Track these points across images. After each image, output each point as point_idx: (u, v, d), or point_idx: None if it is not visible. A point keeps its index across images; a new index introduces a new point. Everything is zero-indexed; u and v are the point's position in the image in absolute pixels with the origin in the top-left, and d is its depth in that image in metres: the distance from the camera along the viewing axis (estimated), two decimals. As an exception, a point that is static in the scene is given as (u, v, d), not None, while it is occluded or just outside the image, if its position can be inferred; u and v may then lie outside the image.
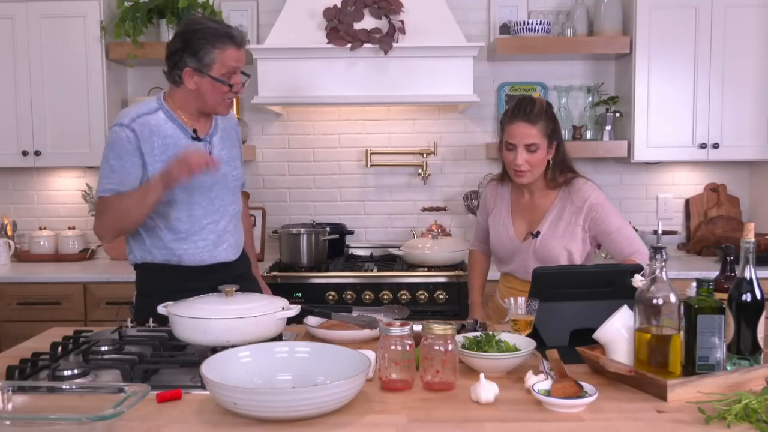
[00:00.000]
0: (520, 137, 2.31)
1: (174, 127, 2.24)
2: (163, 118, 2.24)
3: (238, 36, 2.21)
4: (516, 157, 2.32)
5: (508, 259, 2.47)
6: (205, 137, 2.30)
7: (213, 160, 2.13)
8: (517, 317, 1.88)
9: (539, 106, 2.33)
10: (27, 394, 1.47)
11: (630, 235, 2.36)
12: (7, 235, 3.72)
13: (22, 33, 3.49)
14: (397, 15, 3.35)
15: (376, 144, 3.85)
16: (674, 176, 3.88)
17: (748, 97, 3.49)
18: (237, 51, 2.20)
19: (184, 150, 2.15)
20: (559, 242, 2.34)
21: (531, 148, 2.31)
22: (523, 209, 2.44)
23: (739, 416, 1.38)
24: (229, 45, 2.18)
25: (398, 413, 1.48)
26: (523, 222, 2.43)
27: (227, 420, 1.44)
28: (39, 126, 3.53)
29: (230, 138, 2.40)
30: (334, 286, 3.29)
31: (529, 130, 2.30)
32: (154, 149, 2.20)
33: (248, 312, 1.79)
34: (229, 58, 2.19)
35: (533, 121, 2.30)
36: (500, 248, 2.49)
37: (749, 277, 1.62)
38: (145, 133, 2.19)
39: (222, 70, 2.19)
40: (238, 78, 2.24)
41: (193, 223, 2.27)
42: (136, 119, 2.20)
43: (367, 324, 2.03)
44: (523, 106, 2.33)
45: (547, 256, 2.35)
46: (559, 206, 2.37)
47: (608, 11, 3.58)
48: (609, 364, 1.63)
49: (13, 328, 3.25)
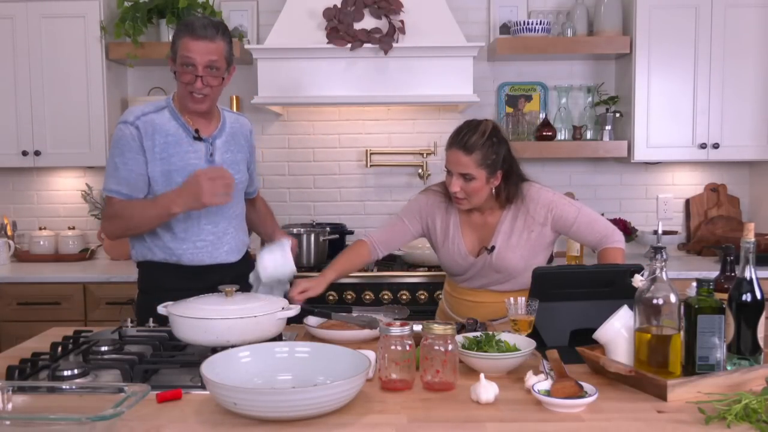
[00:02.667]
0: (455, 165, 2.20)
1: (177, 126, 2.25)
2: (167, 116, 2.25)
3: (200, 28, 2.13)
4: (451, 184, 2.22)
5: (461, 274, 2.38)
6: (207, 138, 2.28)
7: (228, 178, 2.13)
8: (517, 317, 1.88)
9: (480, 134, 2.18)
10: (27, 394, 1.48)
11: (590, 219, 2.30)
12: (7, 235, 3.72)
13: (22, 33, 3.49)
14: (397, 15, 3.35)
15: (376, 144, 3.85)
16: (674, 176, 3.88)
17: (748, 97, 3.49)
18: (194, 41, 2.13)
19: (203, 174, 2.12)
20: (515, 253, 2.27)
21: (466, 177, 2.19)
22: (473, 225, 2.33)
23: (739, 416, 1.38)
24: (185, 35, 2.14)
25: (398, 413, 1.48)
26: (474, 238, 2.33)
27: (227, 420, 1.44)
28: (39, 126, 3.53)
29: (238, 143, 2.37)
30: (334, 286, 3.27)
31: (464, 159, 2.17)
32: (155, 146, 2.21)
33: (248, 312, 1.79)
34: (183, 47, 2.15)
35: (468, 151, 2.16)
36: (453, 266, 2.37)
37: (749, 277, 1.62)
38: (148, 130, 2.21)
39: (179, 60, 2.17)
40: (193, 71, 2.15)
41: (191, 224, 2.27)
42: (141, 117, 2.22)
43: (367, 324, 2.03)
44: (462, 133, 2.20)
45: (505, 268, 2.28)
46: (510, 218, 2.29)
47: (608, 11, 3.58)
48: (609, 364, 1.63)
49: (13, 328, 3.25)
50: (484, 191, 2.23)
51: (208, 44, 2.14)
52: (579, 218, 2.29)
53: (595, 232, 2.31)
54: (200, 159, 2.26)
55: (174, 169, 2.22)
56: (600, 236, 2.31)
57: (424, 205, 2.41)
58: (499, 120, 3.80)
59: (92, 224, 3.83)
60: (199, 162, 2.25)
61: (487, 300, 2.32)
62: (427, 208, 2.40)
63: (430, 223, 2.40)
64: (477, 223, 2.33)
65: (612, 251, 2.28)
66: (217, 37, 2.16)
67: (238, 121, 2.42)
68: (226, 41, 2.20)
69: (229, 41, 2.22)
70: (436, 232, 2.38)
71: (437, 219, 2.37)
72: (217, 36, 2.16)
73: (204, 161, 2.26)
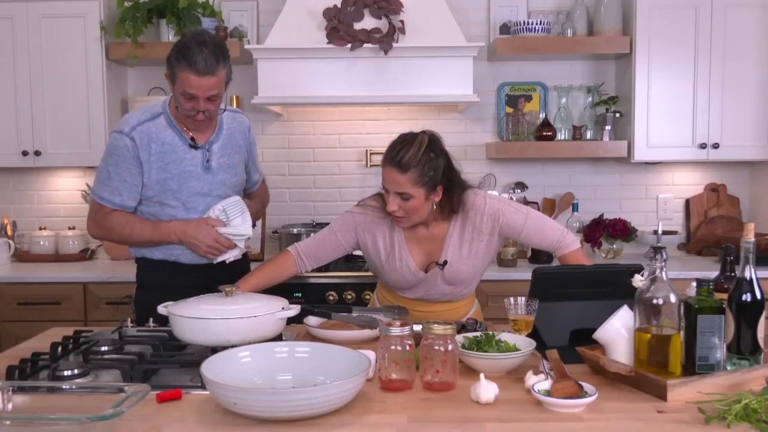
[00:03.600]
0: (390, 184, 2.07)
1: (173, 134, 2.24)
2: (163, 124, 2.24)
3: (201, 63, 2.06)
4: (389, 203, 2.09)
5: (409, 288, 2.28)
6: (204, 145, 2.28)
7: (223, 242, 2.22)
8: (517, 317, 1.88)
9: (416, 150, 2.05)
10: (27, 394, 1.48)
11: (538, 224, 2.21)
12: (7, 235, 3.72)
13: (22, 33, 3.49)
14: (397, 15, 3.35)
15: (376, 144, 3.85)
16: (674, 176, 3.88)
17: (748, 97, 3.49)
18: (197, 78, 2.08)
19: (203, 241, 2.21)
20: (467, 264, 2.21)
21: (403, 196, 2.06)
22: (419, 240, 2.22)
23: (739, 416, 1.38)
24: (186, 69, 2.08)
25: (398, 413, 1.48)
26: (422, 252, 2.22)
27: (227, 420, 1.44)
28: (39, 126, 3.53)
29: (234, 144, 2.36)
30: (334, 286, 3.29)
31: (399, 177, 2.05)
32: (151, 156, 2.21)
33: (248, 312, 1.79)
34: (184, 81, 2.11)
35: (403, 169, 2.04)
36: (400, 281, 2.26)
37: (749, 277, 1.62)
38: (144, 140, 2.20)
39: (179, 89, 2.14)
40: (195, 104, 2.14)
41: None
42: (137, 127, 2.21)
43: (367, 324, 2.03)
44: (396, 150, 2.07)
45: (458, 279, 2.23)
46: (458, 229, 2.20)
47: (608, 11, 3.58)
48: (609, 364, 1.63)
49: (13, 328, 3.25)
50: (424, 209, 2.11)
51: (209, 79, 2.11)
52: (527, 224, 2.19)
53: (547, 237, 2.22)
54: (196, 166, 2.26)
55: (169, 177, 2.24)
56: (552, 241, 2.23)
57: (361, 221, 2.25)
58: (499, 120, 3.80)
59: (92, 224, 3.83)
60: (195, 169, 2.26)
61: (432, 310, 2.29)
62: (365, 226, 2.24)
63: (368, 241, 2.25)
64: (423, 236, 2.21)
65: (574, 255, 2.23)
66: (219, 68, 2.11)
67: (235, 120, 2.40)
68: (226, 67, 2.15)
69: (228, 64, 2.17)
70: (378, 251, 2.24)
71: (378, 237, 2.23)
72: (218, 68, 2.11)
73: (200, 167, 2.27)
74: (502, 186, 3.82)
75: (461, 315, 2.33)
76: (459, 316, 2.31)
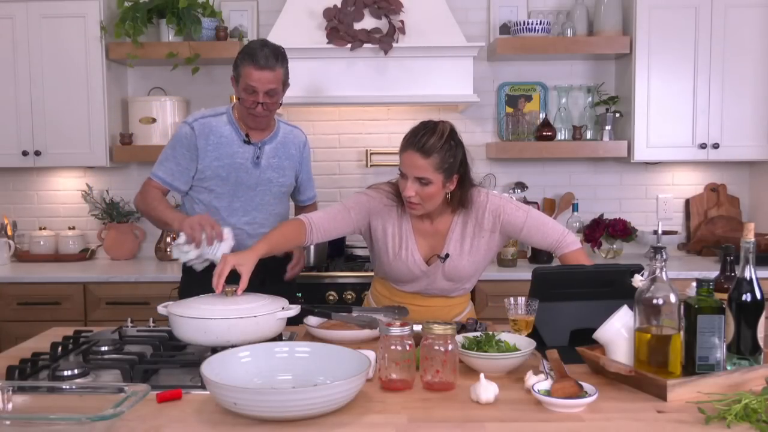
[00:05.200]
0: (411, 168, 2.08)
1: (231, 130, 2.46)
2: (224, 121, 2.47)
3: (262, 58, 2.31)
4: (406, 188, 2.10)
5: (409, 281, 2.28)
6: (257, 143, 2.47)
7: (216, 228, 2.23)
8: (517, 317, 1.88)
9: (438, 137, 2.08)
10: (27, 394, 1.48)
11: (539, 222, 2.22)
12: (7, 235, 3.72)
13: (22, 33, 3.49)
14: (397, 15, 3.35)
15: (376, 144, 3.85)
16: (674, 176, 3.88)
17: (748, 97, 3.49)
18: (257, 71, 2.32)
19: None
20: (468, 260, 2.22)
21: (422, 181, 2.08)
22: (424, 232, 2.24)
23: (739, 416, 1.38)
24: (249, 64, 2.33)
25: (398, 413, 1.48)
26: (426, 245, 2.24)
27: (227, 420, 1.44)
28: (39, 126, 3.53)
29: (287, 151, 2.55)
30: (334, 286, 3.29)
31: (421, 162, 2.06)
32: (208, 145, 2.43)
33: (248, 312, 1.80)
34: (247, 75, 2.34)
35: (426, 154, 2.05)
36: (404, 273, 2.25)
37: (749, 277, 1.62)
38: (204, 131, 2.43)
39: (242, 85, 2.36)
40: (255, 97, 2.34)
41: (231, 213, 2.48)
42: (200, 119, 2.46)
43: (367, 324, 2.03)
44: (419, 135, 2.09)
45: (458, 275, 2.24)
46: (460, 224, 2.22)
47: (608, 11, 3.58)
48: (609, 364, 1.63)
49: (13, 328, 3.25)
50: (439, 196, 2.12)
51: (269, 74, 2.33)
52: (528, 222, 2.20)
53: (547, 237, 2.23)
54: (247, 159, 2.46)
55: (221, 165, 2.44)
56: (553, 240, 2.23)
57: (374, 204, 2.25)
58: (499, 120, 3.80)
59: (92, 224, 3.83)
60: (245, 162, 2.45)
61: (428, 304, 2.29)
62: (378, 209, 2.25)
63: (379, 226, 2.25)
64: (427, 230, 2.24)
65: (574, 254, 2.23)
66: (277, 65, 2.35)
67: (292, 132, 2.61)
68: (284, 67, 2.39)
69: (286, 65, 2.40)
70: (386, 237, 2.24)
71: (388, 225, 2.24)
72: (277, 65, 2.35)
73: (250, 162, 2.46)
74: (502, 186, 3.82)
75: (456, 314, 2.33)
76: (453, 315, 2.32)
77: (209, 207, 2.48)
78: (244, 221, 2.49)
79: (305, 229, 2.19)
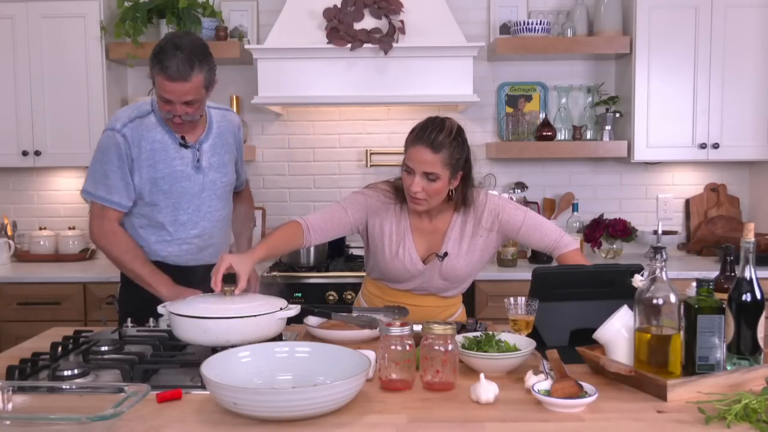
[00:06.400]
0: (419, 163, 2.06)
1: (163, 133, 2.23)
2: (153, 122, 2.24)
3: (173, 68, 2.04)
4: (412, 183, 2.08)
5: (405, 281, 2.27)
6: (194, 144, 2.27)
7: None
8: (517, 317, 1.88)
9: (447, 132, 2.08)
10: (27, 394, 1.48)
11: (536, 222, 2.23)
12: (7, 235, 3.72)
13: (22, 33, 3.49)
14: (397, 15, 3.35)
15: (376, 144, 3.85)
16: (674, 176, 3.88)
17: (748, 97, 3.49)
18: (169, 83, 2.06)
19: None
20: (465, 259, 2.21)
21: (430, 177, 2.07)
22: (422, 231, 2.23)
23: (739, 416, 1.38)
24: (160, 73, 2.07)
25: (398, 413, 1.48)
26: (423, 243, 2.23)
27: (227, 420, 1.44)
28: (39, 126, 3.53)
29: (225, 143, 2.36)
30: (334, 286, 3.29)
31: (430, 157, 2.05)
32: (141, 154, 2.21)
33: (248, 312, 1.79)
34: (159, 86, 2.10)
35: (436, 149, 2.05)
36: (400, 271, 2.24)
37: (749, 277, 1.62)
38: (135, 138, 2.20)
39: (157, 92, 2.14)
40: (171, 108, 2.12)
41: (177, 228, 2.30)
42: (128, 124, 2.21)
43: (367, 324, 2.03)
44: (429, 130, 2.08)
45: (454, 275, 2.23)
46: (459, 223, 2.22)
47: (608, 11, 3.58)
48: (609, 364, 1.63)
49: (13, 328, 3.25)
50: (443, 192, 2.12)
51: (183, 85, 2.07)
52: (526, 221, 2.21)
53: (545, 237, 2.23)
54: (187, 165, 2.26)
55: (160, 177, 2.23)
56: (550, 240, 2.23)
57: (372, 203, 2.24)
58: (499, 120, 3.80)
59: (92, 224, 3.83)
60: (186, 168, 2.26)
61: (420, 304, 2.27)
62: (375, 208, 2.24)
63: (376, 224, 2.24)
64: (426, 228, 2.23)
65: (572, 255, 2.23)
66: (193, 74, 2.07)
67: (225, 118, 2.39)
68: (204, 71, 2.10)
69: (207, 67, 2.12)
70: (383, 236, 2.23)
71: (386, 223, 2.23)
72: (192, 74, 2.07)
73: (191, 167, 2.27)
74: (502, 186, 3.82)
75: (447, 315, 2.33)
76: (446, 316, 2.32)
77: (152, 222, 2.28)
78: (193, 234, 2.32)
79: (302, 231, 2.17)
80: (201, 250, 2.35)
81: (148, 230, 2.30)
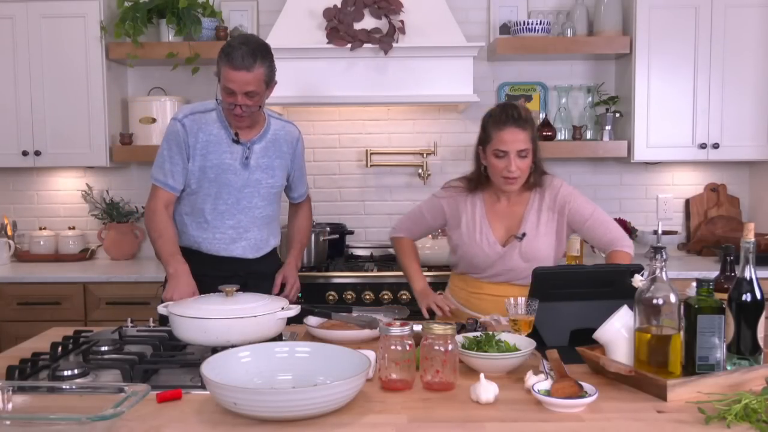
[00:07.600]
0: (513, 143, 2.23)
1: (219, 128, 2.40)
2: (213, 118, 2.41)
3: (238, 58, 2.23)
4: (509, 164, 2.24)
5: (487, 267, 2.37)
6: (246, 142, 2.42)
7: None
8: (517, 317, 1.88)
9: (525, 111, 2.28)
10: (27, 394, 1.48)
11: (604, 219, 2.37)
12: (7, 235, 3.72)
13: (22, 33, 3.49)
14: (397, 15, 3.35)
15: (376, 144, 3.85)
16: (674, 176, 3.88)
17: (748, 97, 3.49)
18: (233, 72, 2.24)
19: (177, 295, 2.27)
20: (544, 241, 2.33)
21: (522, 154, 2.25)
22: (499, 215, 2.37)
23: (739, 416, 1.38)
24: (226, 63, 2.26)
25: (398, 413, 1.48)
26: (501, 227, 2.37)
27: (227, 420, 1.44)
28: (39, 126, 3.53)
29: (278, 149, 2.50)
30: (334, 286, 3.29)
31: (521, 134, 2.24)
32: (197, 143, 2.38)
33: (248, 312, 1.79)
34: (224, 76, 2.28)
35: (523, 126, 2.24)
36: (480, 257, 2.36)
37: (749, 277, 1.62)
38: (193, 128, 2.38)
39: (221, 84, 2.31)
40: (233, 99, 2.29)
41: (215, 216, 2.44)
42: (189, 115, 2.40)
43: (367, 324, 2.03)
44: (509, 111, 2.26)
45: (534, 256, 2.31)
46: (536, 206, 2.35)
47: (608, 11, 3.58)
48: (609, 364, 1.63)
49: (13, 328, 3.25)
50: (530, 167, 2.29)
51: (246, 75, 2.25)
52: (594, 215, 2.35)
53: (609, 232, 2.35)
54: (235, 160, 2.41)
55: (209, 166, 2.39)
56: (612, 237, 2.35)
57: (448, 204, 2.43)
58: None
59: (92, 224, 3.83)
60: (234, 163, 2.40)
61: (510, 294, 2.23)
62: (452, 207, 2.42)
63: (454, 220, 2.42)
64: (503, 211, 2.37)
65: (621, 254, 2.32)
66: (255, 66, 2.25)
67: (284, 128, 2.54)
68: (265, 66, 2.29)
69: (268, 63, 2.31)
70: (461, 227, 2.39)
71: (462, 215, 2.39)
72: (254, 65, 2.25)
73: (239, 162, 2.41)
74: (502, 186, 3.82)
75: None
76: None
77: (194, 209, 2.44)
78: (229, 224, 2.45)
79: (410, 240, 2.58)
80: (234, 241, 2.46)
81: (190, 216, 2.46)
